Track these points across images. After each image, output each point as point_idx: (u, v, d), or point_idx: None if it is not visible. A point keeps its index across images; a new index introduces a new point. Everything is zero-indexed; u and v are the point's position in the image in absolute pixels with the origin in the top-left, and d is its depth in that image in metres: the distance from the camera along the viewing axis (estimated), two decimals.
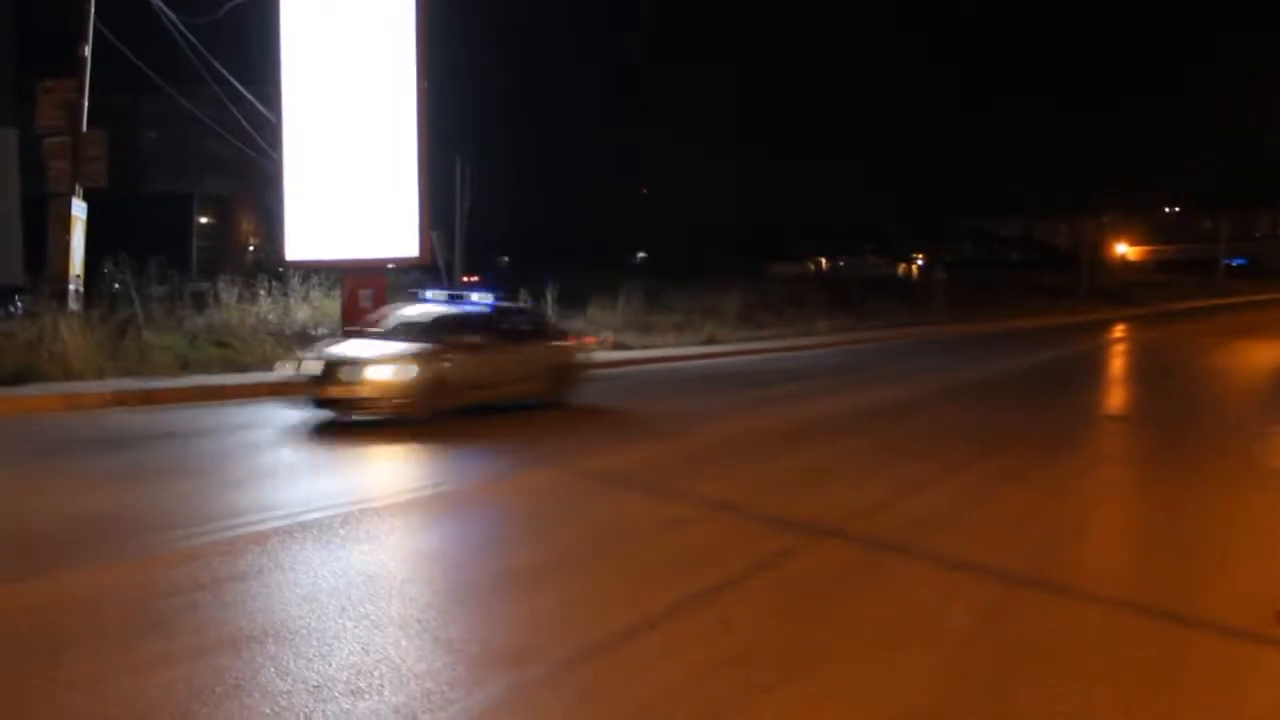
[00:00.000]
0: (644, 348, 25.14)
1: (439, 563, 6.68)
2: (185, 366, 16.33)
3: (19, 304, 20.79)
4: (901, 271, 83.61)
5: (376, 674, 4.67)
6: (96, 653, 4.89)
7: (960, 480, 9.81)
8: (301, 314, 22.80)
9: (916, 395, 17.38)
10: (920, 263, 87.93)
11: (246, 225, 61.60)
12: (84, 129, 18.60)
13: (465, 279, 39.08)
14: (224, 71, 22.68)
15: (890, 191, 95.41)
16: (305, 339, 20.42)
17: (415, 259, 21.98)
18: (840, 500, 8.64)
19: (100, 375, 15.07)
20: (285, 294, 24.08)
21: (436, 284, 29.20)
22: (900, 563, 6.84)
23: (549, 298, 27.20)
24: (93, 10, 18.96)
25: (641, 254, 65.99)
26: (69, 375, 14.70)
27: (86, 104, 18.77)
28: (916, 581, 6.43)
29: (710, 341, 27.78)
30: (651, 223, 68.99)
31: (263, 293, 23.61)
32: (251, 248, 58.14)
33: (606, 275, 36.34)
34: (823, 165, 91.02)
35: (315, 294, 24.65)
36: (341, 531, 7.25)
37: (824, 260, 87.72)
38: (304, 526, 7.34)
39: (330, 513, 7.76)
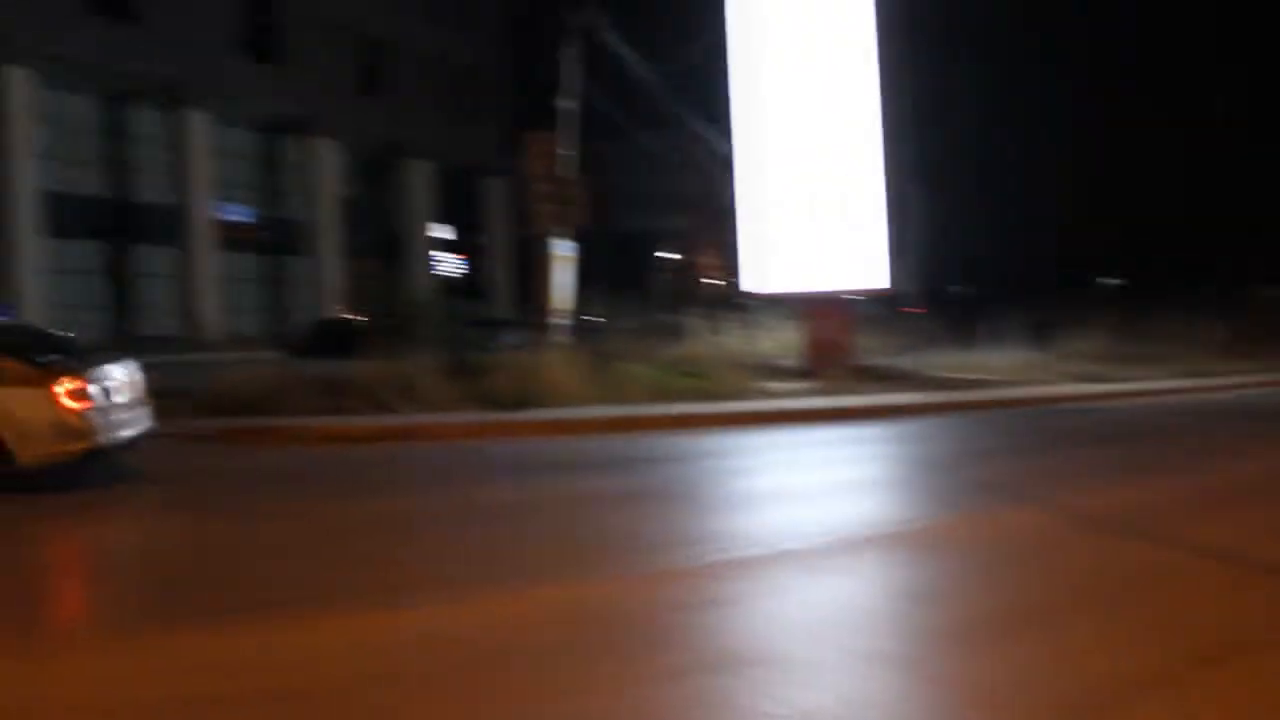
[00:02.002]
0: (1120, 380, 23.39)
1: (921, 599, 6.48)
2: (658, 395, 17.21)
3: (511, 336, 23.03)
4: None
5: (862, 704, 4.63)
6: (608, 661, 5.21)
7: None
8: (765, 345, 23.39)
9: None
10: None
11: (706, 259, 64.46)
12: (566, 175, 20.30)
13: (911, 310, 37.83)
14: (682, 113, 23.90)
15: None
16: (769, 370, 20.92)
17: (883, 290, 21.70)
18: None
19: (584, 403, 16.27)
20: (747, 326, 24.81)
21: (892, 313, 29.11)
22: None
23: (1012, 328, 26.12)
24: (577, 67, 20.72)
25: (1112, 279, 61.45)
26: (559, 403, 16.00)
27: (569, 151, 20.49)
28: None
29: (1192, 375, 25.33)
30: (1123, 246, 64.06)
31: (725, 325, 24.46)
32: (712, 281, 60.75)
33: (1074, 303, 34.26)
34: None
35: (777, 325, 25.19)
36: (820, 563, 7.28)
37: None
38: (784, 555, 7.47)
39: (808, 543, 7.84)
